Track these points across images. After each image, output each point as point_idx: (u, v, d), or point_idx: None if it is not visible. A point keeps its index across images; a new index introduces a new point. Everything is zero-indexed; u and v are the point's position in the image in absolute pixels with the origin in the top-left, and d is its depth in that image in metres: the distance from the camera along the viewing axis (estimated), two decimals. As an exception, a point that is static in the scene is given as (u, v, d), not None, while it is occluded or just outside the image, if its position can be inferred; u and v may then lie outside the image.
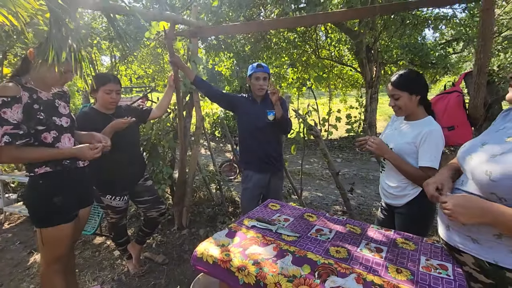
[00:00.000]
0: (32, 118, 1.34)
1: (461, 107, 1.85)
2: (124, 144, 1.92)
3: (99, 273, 2.22)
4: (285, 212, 1.54)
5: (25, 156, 1.33)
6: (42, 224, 1.43)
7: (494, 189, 0.89)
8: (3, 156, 1.27)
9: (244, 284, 1.05)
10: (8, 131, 1.25)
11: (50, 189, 1.42)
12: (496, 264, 0.90)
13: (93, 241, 2.70)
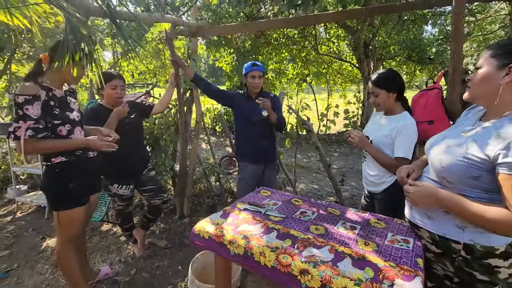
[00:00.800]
0: (49, 113, 1.52)
1: (440, 102, 2.00)
2: (129, 137, 2.10)
3: (107, 256, 2.42)
4: (274, 197, 1.72)
5: (45, 147, 1.52)
6: (59, 207, 1.61)
7: (444, 174, 1.06)
8: (28, 147, 1.45)
9: (234, 255, 1.23)
10: (31, 126, 1.43)
11: (65, 176, 1.61)
12: (444, 236, 1.07)
13: (101, 228, 2.90)
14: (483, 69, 1.01)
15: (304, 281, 1.05)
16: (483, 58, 1.03)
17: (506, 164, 0.88)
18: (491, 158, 0.91)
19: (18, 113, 1.43)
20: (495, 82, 0.98)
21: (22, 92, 1.42)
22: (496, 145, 0.91)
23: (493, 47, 1.02)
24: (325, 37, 8.64)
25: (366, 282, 0.98)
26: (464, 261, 1.03)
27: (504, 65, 0.96)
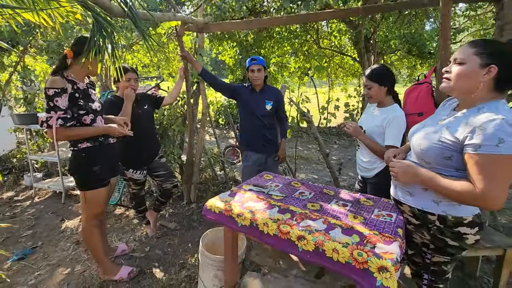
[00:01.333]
0: (75, 104, 1.72)
1: (430, 96, 2.17)
2: (143, 126, 2.30)
3: (122, 235, 2.64)
4: (276, 180, 1.91)
5: (73, 134, 1.72)
6: (85, 187, 1.82)
7: (423, 156, 1.24)
8: (59, 135, 1.66)
9: (242, 226, 1.43)
10: (61, 116, 1.64)
11: (90, 160, 1.81)
12: (422, 209, 1.26)
13: (115, 212, 3.12)
14: (467, 66, 1.11)
15: (301, 245, 1.25)
16: (466, 53, 1.12)
17: (471, 145, 1.05)
18: (460, 141, 1.09)
19: (49, 104, 1.62)
20: (476, 80, 1.10)
21: (51, 86, 1.61)
22: (464, 130, 1.08)
23: (478, 44, 1.12)
24: (327, 31, 8.71)
25: (352, 245, 1.17)
26: (438, 229, 1.22)
27: (486, 65, 1.08)
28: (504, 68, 1.07)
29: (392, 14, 6.33)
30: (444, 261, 1.26)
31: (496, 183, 1.00)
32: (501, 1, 1.92)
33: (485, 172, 1.01)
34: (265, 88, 2.50)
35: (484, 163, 1.02)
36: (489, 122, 1.02)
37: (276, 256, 1.92)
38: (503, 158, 0.99)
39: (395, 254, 1.11)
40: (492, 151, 1.00)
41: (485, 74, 1.09)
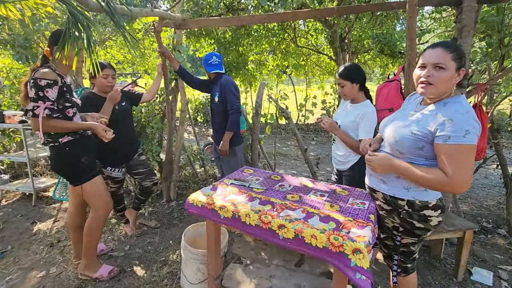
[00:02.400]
0: (62, 96, 1.72)
1: (399, 92, 2.32)
2: (121, 123, 2.25)
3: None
4: (256, 174, 1.96)
5: (59, 126, 1.71)
6: (81, 180, 1.83)
7: (397, 147, 1.33)
8: (44, 125, 1.65)
9: (224, 218, 1.47)
10: (48, 106, 1.62)
11: (76, 152, 1.81)
12: (393, 196, 1.36)
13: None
14: (448, 71, 1.19)
15: (281, 234, 1.31)
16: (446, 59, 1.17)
17: (441, 136, 1.16)
18: (431, 133, 1.20)
19: (38, 94, 1.61)
20: (452, 82, 1.22)
21: (44, 77, 1.62)
22: (435, 123, 1.19)
23: (453, 49, 1.19)
24: (304, 30, 8.90)
25: (329, 231, 1.25)
26: (407, 213, 1.33)
27: (458, 68, 1.20)
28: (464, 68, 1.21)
29: (365, 15, 6.60)
30: (412, 242, 1.38)
31: (463, 169, 1.13)
32: (460, 6, 2.10)
33: (454, 160, 1.13)
34: (216, 79, 2.54)
35: (453, 152, 1.13)
36: (457, 116, 1.15)
37: (257, 248, 1.98)
38: (469, 147, 1.12)
39: (367, 237, 1.20)
40: (460, 141, 1.12)
41: (457, 77, 1.21)
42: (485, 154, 2.37)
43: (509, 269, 2.17)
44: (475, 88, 2.27)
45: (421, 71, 1.25)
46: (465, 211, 3.10)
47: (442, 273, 2.13)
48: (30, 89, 1.63)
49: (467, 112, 1.14)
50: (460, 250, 2.02)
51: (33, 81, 1.61)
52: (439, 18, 8.63)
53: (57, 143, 1.75)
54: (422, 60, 1.25)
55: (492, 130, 2.67)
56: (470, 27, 2.05)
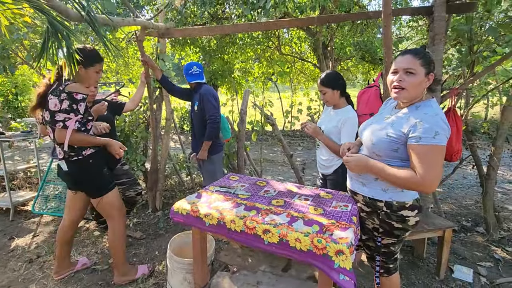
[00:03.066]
0: (87, 111, 1.76)
1: (378, 98, 2.40)
2: (104, 133, 2.21)
3: (82, 249, 2.49)
4: (242, 181, 1.97)
5: (85, 140, 1.76)
6: (103, 192, 1.89)
7: (374, 149, 1.38)
8: (73, 138, 1.69)
9: (209, 225, 1.47)
10: (79, 120, 1.70)
11: (99, 164, 1.87)
12: (373, 197, 1.40)
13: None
14: (418, 76, 1.26)
15: (266, 238, 1.32)
16: (415, 64, 1.25)
17: (413, 138, 1.22)
18: (404, 134, 1.26)
19: (72, 106, 1.65)
20: (423, 87, 1.29)
21: (80, 91, 1.68)
22: (408, 125, 1.25)
23: (422, 56, 1.27)
24: (288, 38, 9.08)
25: (313, 233, 1.27)
26: (386, 214, 1.37)
27: (427, 73, 1.27)
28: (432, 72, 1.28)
29: (346, 23, 6.82)
30: (392, 243, 1.42)
31: (432, 169, 1.18)
32: (432, 15, 2.22)
33: (424, 160, 1.19)
34: (197, 88, 2.56)
35: (424, 152, 1.19)
36: (427, 118, 1.22)
37: (244, 255, 1.98)
38: (438, 147, 1.19)
39: (349, 238, 1.23)
40: (430, 142, 1.18)
41: (427, 81, 1.29)
42: (461, 155, 2.48)
43: (488, 265, 2.25)
44: (449, 92, 2.38)
45: (393, 76, 1.32)
46: (446, 210, 3.21)
47: (425, 272, 2.19)
48: (59, 101, 1.63)
49: (436, 115, 1.21)
50: (441, 248, 2.08)
51: (67, 94, 1.64)
52: (416, 27, 9.02)
53: (81, 156, 1.77)
54: (394, 66, 1.32)
55: (467, 132, 2.80)
56: (442, 35, 2.17)
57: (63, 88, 1.65)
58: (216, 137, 2.54)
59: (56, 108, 1.64)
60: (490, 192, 2.62)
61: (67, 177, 1.87)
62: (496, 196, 3.66)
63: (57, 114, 1.64)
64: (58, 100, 1.63)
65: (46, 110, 1.70)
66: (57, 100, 1.63)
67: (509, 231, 2.69)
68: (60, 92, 1.64)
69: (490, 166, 2.58)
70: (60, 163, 1.81)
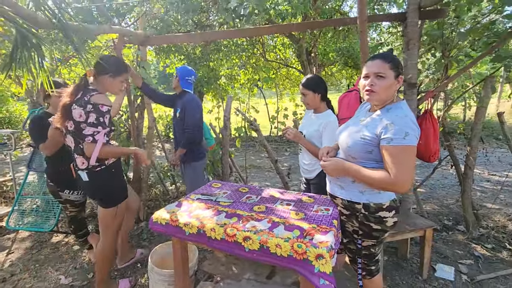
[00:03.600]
0: (110, 122, 1.71)
1: (358, 102, 2.45)
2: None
3: (60, 265, 2.39)
4: (224, 188, 1.95)
5: (112, 152, 1.75)
6: (119, 201, 1.85)
7: (349, 152, 1.40)
8: (102, 151, 1.66)
9: (189, 235, 1.44)
10: (106, 133, 1.67)
11: (120, 172, 1.88)
12: (351, 200, 1.41)
13: (50, 241, 2.80)
14: (388, 79, 1.30)
15: (247, 246, 1.30)
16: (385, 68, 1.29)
17: (385, 139, 1.25)
18: (377, 136, 1.28)
19: (99, 119, 1.61)
20: (393, 89, 1.33)
21: (105, 102, 1.64)
22: (380, 127, 1.28)
23: (390, 59, 1.31)
24: (272, 45, 9.19)
25: (293, 239, 1.27)
26: (364, 216, 1.38)
27: (397, 76, 1.31)
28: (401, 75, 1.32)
29: (329, 30, 6.97)
30: (372, 244, 1.43)
31: (404, 169, 1.20)
32: (405, 21, 2.29)
33: (396, 160, 1.21)
34: (181, 95, 2.53)
35: (395, 153, 1.22)
36: (397, 120, 1.25)
37: (229, 264, 1.95)
38: (409, 148, 1.21)
39: (329, 242, 1.23)
40: (401, 143, 1.21)
41: (397, 83, 1.32)
42: (439, 156, 2.55)
43: (468, 263, 2.30)
44: (425, 95, 2.46)
45: (365, 80, 1.35)
46: (428, 210, 3.27)
47: (408, 272, 2.21)
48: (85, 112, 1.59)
49: (406, 116, 1.24)
50: (423, 248, 2.12)
51: (92, 106, 1.59)
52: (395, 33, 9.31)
53: (103, 166, 1.74)
54: (365, 70, 1.36)
55: (444, 133, 2.89)
56: (415, 40, 2.24)
57: (88, 99, 1.60)
58: (193, 145, 2.49)
59: (81, 119, 1.60)
60: (468, 190, 2.70)
61: (86, 187, 1.84)
62: (475, 194, 3.77)
63: (85, 127, 1.60)
64: (84, 111, 1.59)
65: (70, 120, 1.64)
66: (82, 111, 1.59)
67: (487, 228, 2.77)
68: (86, 103, 1.60)
69: (467, 166, 2.66)
70: (80, 173, 1.76)
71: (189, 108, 2.41)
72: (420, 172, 4.87)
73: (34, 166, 2.96)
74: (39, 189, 3.07)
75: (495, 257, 2.38)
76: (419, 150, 2.27)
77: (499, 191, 3.81)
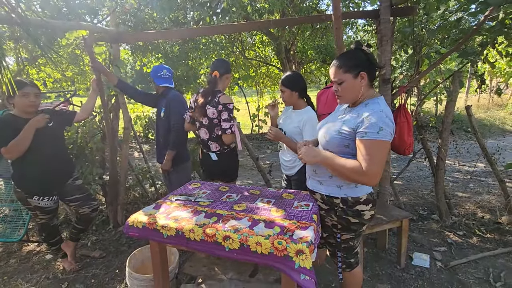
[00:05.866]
0: None
1: (336, 97, 2.49)
2: (47, 146, 2.03)
3: (31, 276, 2.25)
4: (204, 188, 1.91)
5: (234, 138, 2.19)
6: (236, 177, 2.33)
7: (327, 146, 1.41)
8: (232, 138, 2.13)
9: (168, 237, 1.39)
10: None
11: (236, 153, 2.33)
12: (329, 195, 1.43)
13: (20, 251, 2.64)
14: (346, 83, 1.34)
15: (227, 245, 1.28)
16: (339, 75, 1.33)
17: (360, 133, 1.27)
18: (353, 130, 1.30)
19: (230, 115, 2.07)
20: (358, 88, 1.35)
21: (231, 102, 2.10)
22: (356, 121, 1.29)
23: (342, 64, 1.33)
24: (251, 42, 9.17)
25: (273, 236, 1.26)
26: (342, 210, 1.40)
27: (357, 74, 1.33)
28: (368, 69, 1.34)
29: (307, 28, 7.04)
30: (350, 237, 1.45)
31: (375, 162, 1.22)
32: (378, 19, 2.35)
33: (368, 153, 1.23)
34: (165, 93, 2.43)
35: (368, 147, 1.23)
36: (373, 115, 1.26)
37: (211, 264, 1.92)
38: (382, 142, 1.23)
39: (309, 237, 1.23)
40: (374, 137, 1.23)
41: (361, 80, 1.34)
42: (413, 149, 2.64)
43: (442, 250, 2.41)
44: (398, 90, 2.54)
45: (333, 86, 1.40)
46: (405, 202, 3.40)
47: (387, 262, 2.28)
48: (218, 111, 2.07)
49: (381, 111, 1.26)
50: (400, 238, 2.19)
51: (223, 106, 2.06)
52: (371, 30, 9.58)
53: (229, 148, 2.21)
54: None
55: (418, 127, 3.00)
56: (388, 36, 2.31)
57: (218, 100, 2.07)
58: (181, 146, 2.42)
59: (214, 116, 2.09)
60: (440, 181, 2.83)
61: (214, 165, 2.24)
62: (448, 184, 3.96)
63: (222, 122, 2.07)
64: (216, 110, 2.08)
65: (205, 117, 2.11)
66: (215, 110, 2.08)
67: (459, 216, 2.92)
68: (217, 104, 2.07)
69: (439, 157, 2.79)
70: (211, 154, 2.20)
71: (174, 106, 2.33)
72: (397, 165, 5.06)
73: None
74: (5, 196, 2.88)
75: (467, 243, 2.51)
76: (394, 143, 2.34)
77: (469, 180, 4.02)
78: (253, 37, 8.97)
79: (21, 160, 1.95)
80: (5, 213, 2.85)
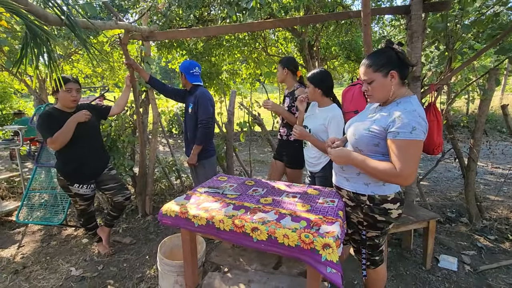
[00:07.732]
0: None
1: (362, 95, 2.45)
2: (87, 139, 2.19)
3: (70, 257, 2.44)
4: (231, 181, 1.98)
5: None
6: None
7: (356, 144, 1.42)
8: None
9: (198, 226, 1.47)
10: None
11: None
12: (356, 192, 1.44)
13: (60, 234, 2.86)
14: (375, 82, 1.34)
15: (255, 236, 1.34)
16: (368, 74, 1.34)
17: (392, 132, 1.26)
18: (385, 129, 1.30)
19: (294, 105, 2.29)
20: (388, 87, 1.35)
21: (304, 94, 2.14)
22: (387, 121, 1.30)
23: (371, 63, 1.34)
24: (274, 39, 9.14)
25: (300, 229, 1.30)
26: (369, 208, 1.41)
27: (387, 73, 1.33)
28: (399, 68, 1.33)
29: (331, 23, 6.92)
30: (376, 235, 1.46)
31: (409, 163, 1.22)
32: (409, 14, 2.29)
33: (402, 153, 1.23)
34: (193, 90, 2.50)
35: (401, 147, 1.23)
36: (405, 114, 1.26)
37: (236, 255, 1.99)
38: (415, 142, 1.23)
39: (336, 232, 1.26)
40: (407, 137, 1.22)
41: (392, 79, 1.33)
42: (443, 149, 2.56)
43: (471, 254, 2.34)
44: (428, 88, 2.46)
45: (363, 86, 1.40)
46: (431, 203, 3.30)
47: (412, 263, 2.25)
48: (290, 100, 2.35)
49: (414, 111, 1.25)
50: (426, 239, 2.15)
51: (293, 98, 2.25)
52: (398, 25, 9.24)
53: None
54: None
55: (448, 126, 2.90)
56: (419, 33, 2.24)
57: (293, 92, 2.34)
58: (207, 141, 2.49)
59: (286, 105, 2.35)
60: (471, 183, 2.72)
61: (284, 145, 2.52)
62: (479, 187, 3.79)
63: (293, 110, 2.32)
64: (290, 100, 2.36)
65: None
66: (289, 100, 2.36)
67: (490, 220, 2.80)
68: (291, 95, 2.35)
69: (470, 158, 2.68)
70: None
71: (201, 102, 2.40)
72: (424, 165, 4.89)
73: (41, 161, 3.00)
74: (46, 184, 3.12)
75: (498, 248, 2.41)
76: (423, 143, 2.29)
77: (503, 183, 3.82)
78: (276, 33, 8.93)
79: (64, 151, 2.12)
80: (46, 199, 3.09)
